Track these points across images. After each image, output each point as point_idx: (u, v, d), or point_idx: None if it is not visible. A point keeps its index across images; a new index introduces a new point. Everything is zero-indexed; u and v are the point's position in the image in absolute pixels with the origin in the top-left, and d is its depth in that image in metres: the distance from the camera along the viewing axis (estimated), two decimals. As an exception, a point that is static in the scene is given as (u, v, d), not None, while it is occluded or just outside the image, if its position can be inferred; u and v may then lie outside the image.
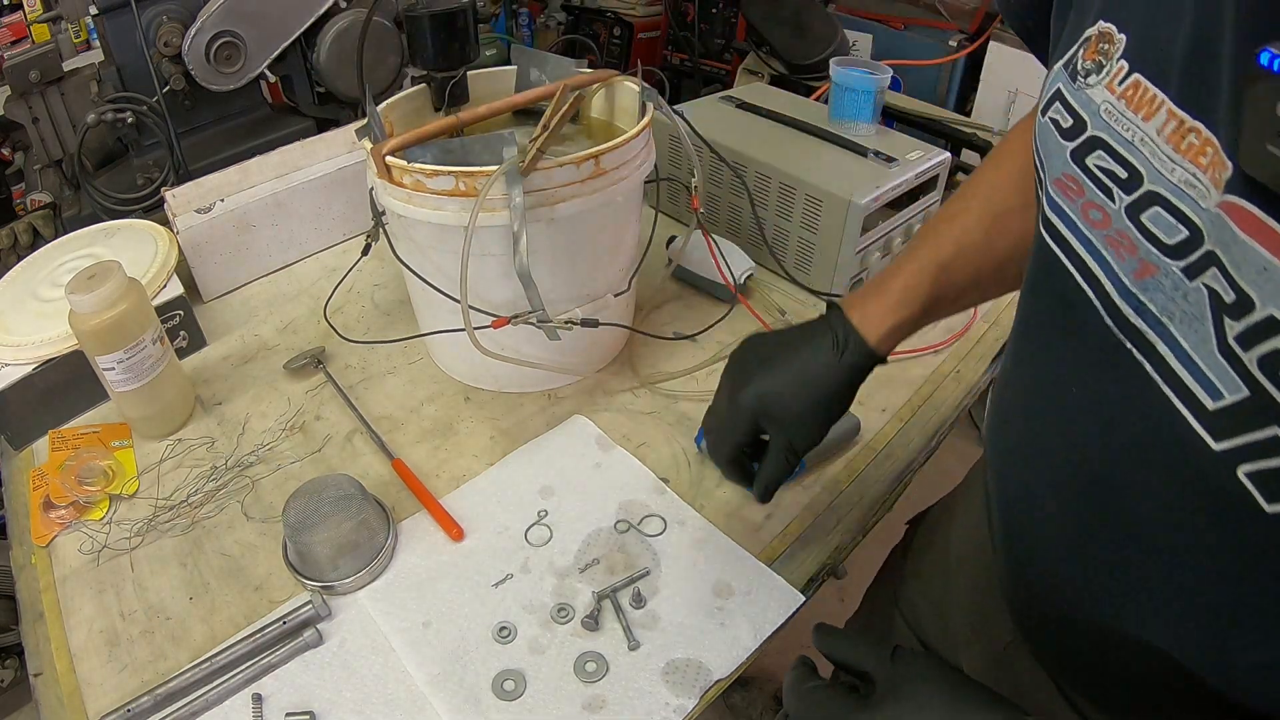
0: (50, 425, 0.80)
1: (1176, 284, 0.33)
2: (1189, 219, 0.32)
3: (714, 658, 0.59)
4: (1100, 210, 0.37)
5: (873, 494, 0.73)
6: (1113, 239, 0.36)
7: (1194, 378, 0.33)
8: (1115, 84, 0.36)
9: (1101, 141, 0.36)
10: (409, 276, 0.78)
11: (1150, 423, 0.36)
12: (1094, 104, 0.37)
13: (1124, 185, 0.35)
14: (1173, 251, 0.33)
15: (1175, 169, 0.33)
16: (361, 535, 0.65)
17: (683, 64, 2.04)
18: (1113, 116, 0.36)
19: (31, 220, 1.10)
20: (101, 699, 0.58)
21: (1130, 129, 0.35)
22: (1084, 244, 0.38)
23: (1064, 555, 0.44)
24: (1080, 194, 0.38)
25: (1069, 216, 0.39)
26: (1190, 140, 0.32)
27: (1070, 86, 0.39)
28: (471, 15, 0.81)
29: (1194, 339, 0.33)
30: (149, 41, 1.03)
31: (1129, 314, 0.36)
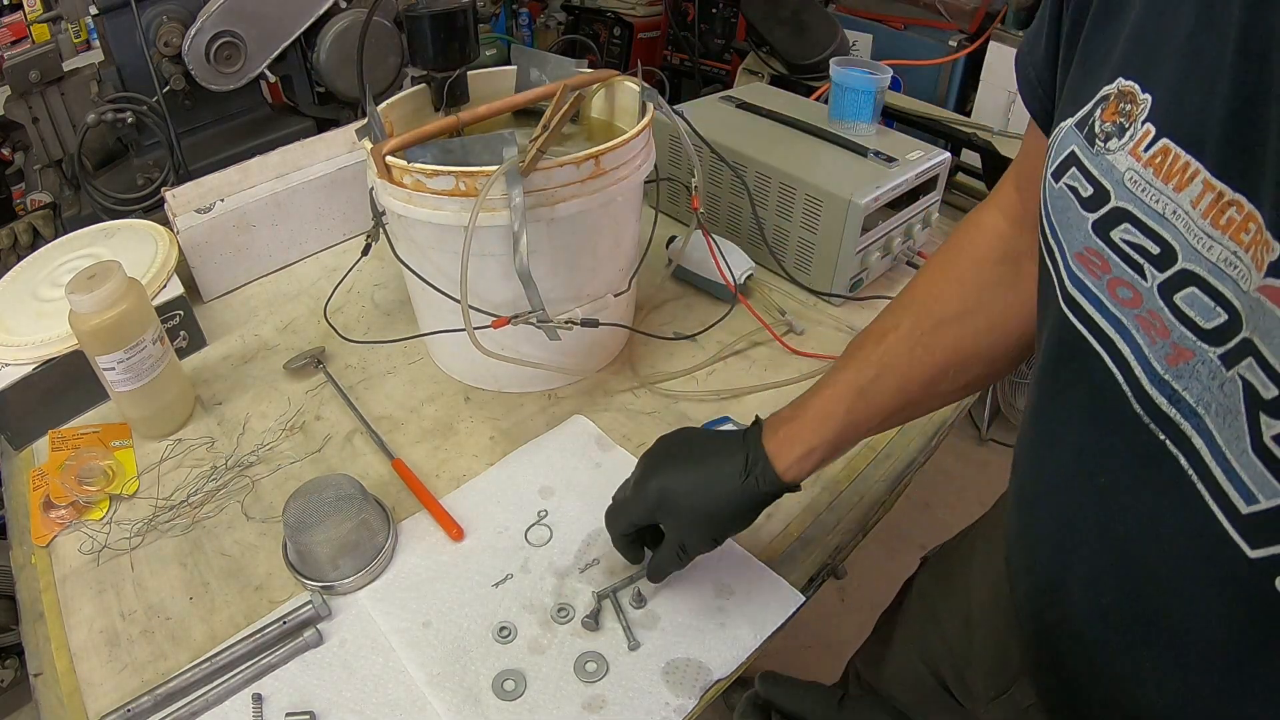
0: (50, 425, 0.80)
1: (1214, 372, 0.30)
2: (1229, 302, 0.29)
3: (714, 658, 0.59)
4: (1130, 288, 0.34)
5: (873, 494, 0.73)
6: (1144, 320, 0.33)
7: (1228, 478, 0.30)
8: (1140, 150, 0.33)
9: (1128, 214, 0.33)
10: (409, 276, 0.78)
11: (1186, 523, 0.33)
12: (1117, 171, 0.34)
13: (1156, 262, 0.32)
14: (1210, 337, 0.30)
15: (1214, 246, 0.30)
16: (361, 535, 0.65)
17: (683, 64, 2.04)
18: (1139, 186, 0.33)
19: (31, 220, 1.09)
20: (101, 699, 0.58)
21: (1161, 201, 0.32)
22: (1113, 324, 0.35)
23: (1092, 645, 0.42)
24: (1106, 270, 0.35)
25: (1094, 294, 0.36)
26: (1231, 215, 0.29)
27: (1088, 151, 0.35)
28: (471, 15, 0.81)
29: (1228, 434, 0.30)
30: (149, 41, 1.03)
31: (1161, 403, 0.33)
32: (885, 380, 0.55)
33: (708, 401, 0.82)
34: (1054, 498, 0.44)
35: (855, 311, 0.94)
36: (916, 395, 0.55)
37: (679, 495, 0.56)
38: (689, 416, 0.80)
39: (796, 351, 0.87)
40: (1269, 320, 0.27)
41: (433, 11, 0.78)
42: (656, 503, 0.57)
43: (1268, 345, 0.28)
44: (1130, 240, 0.33)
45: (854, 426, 0.55)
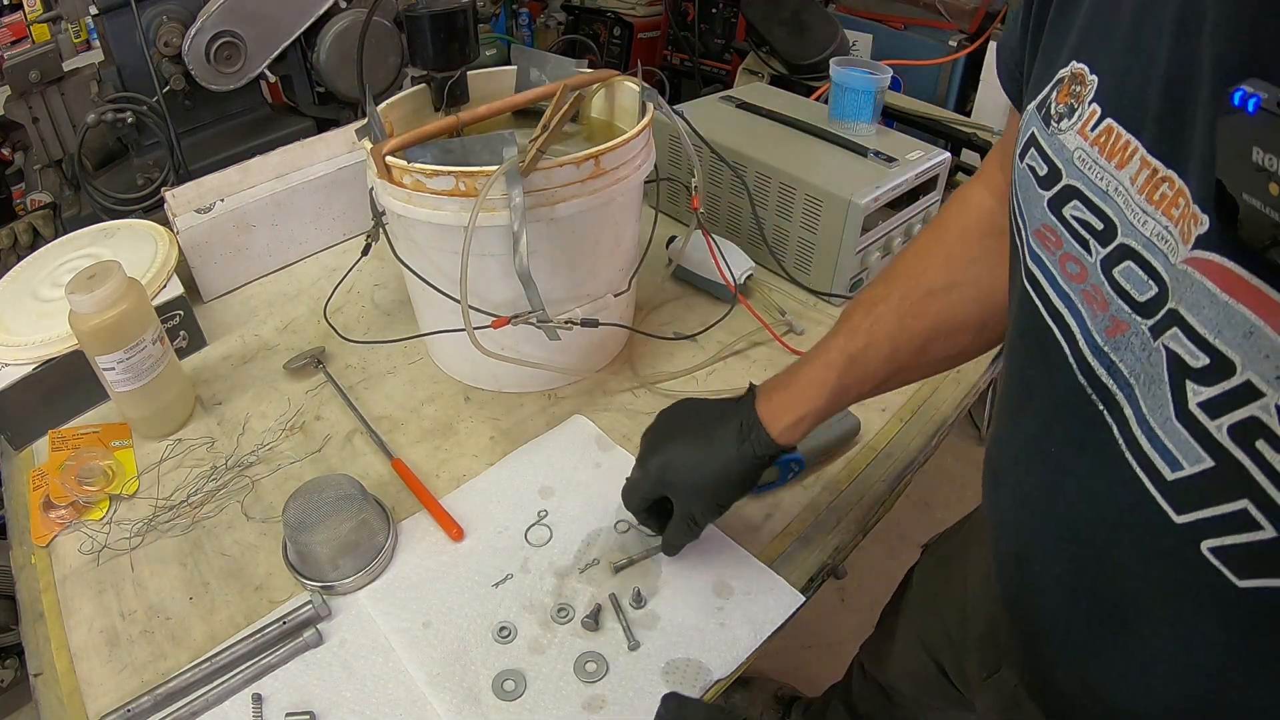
0: (50, 425, 0.80)
1: (1144, 343, 0.31)
2: (1159, 275, 0.30)
3: (714, 658, 0.59)
4: (1078, 263, 0.35)
5: (873, 494, 0.73)
6: (1088, 293, 0.35)
7: (1153, 445, 0.31)
8: (1088, 129, 0.34)
9: (1077, 191, 0.34)
10: (409, 276, 0.78)
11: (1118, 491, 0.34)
12: (1067, 150, 0.35)
13: (1099, 237, 0.33)
14: (1142, 309, 0.32)
15: (1148, 221, 0.31)
16: (361, 535, 0.65)
17: (683, 64, 2.04)
18: (1086, 164, 0.34)
19: (31, 220, 1.09)
20: (101, 699, 0.58)
21: (1104, 178, 0.33)
22: (1061, 298, 0.37)
23: (1057, 615, 0.43)
24: (1059, 245, 0.36)
25: (1048, 269, 0.38)
26: (1164, 190, 0.30)
27: (1044, 132, 0.37)
28: (471, 15, 0.81)
29: (1151, 403, 0.31)
30: (149, 41, 1.03)
31: (1100, 372, 0.35)
32: (876, 348, 0.56)
33: (708, 401, 0.82)
34: (1014, 471, 0.45)
35: (855, 311, 0.94)
36: (907, 362, 0.57)
37: (681, 469, 0.59)
38: (689, 416, 0.80)
39: (796, 351, 0.87)
40: (1196, 292, 0.28)
41: (433, 11, 0.78)
42: (660, 478, 0.60)
43: (1196, 316, 0.28)
44: (1078, 216, 0.35)
45: (845, 391, 0.57)
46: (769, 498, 0.72)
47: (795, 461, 0.72)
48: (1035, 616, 0.46)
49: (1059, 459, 0.39)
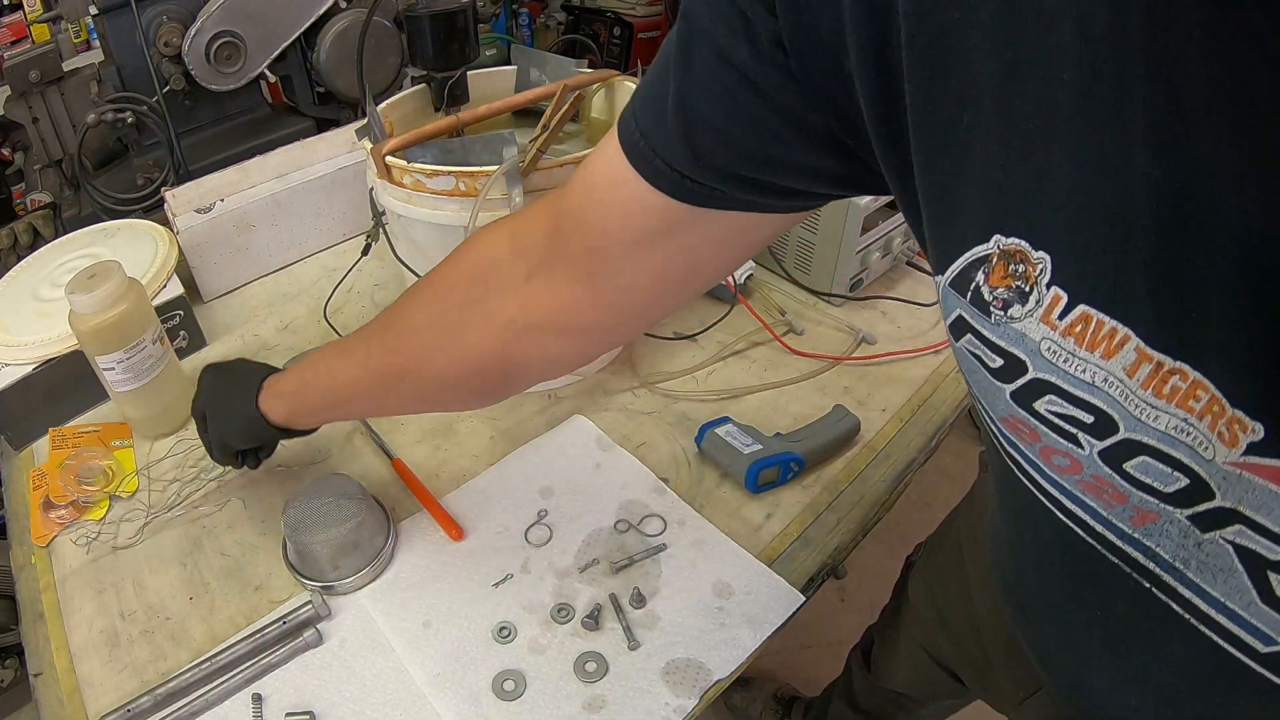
0: (50, 425, 0.80)
1: (1184, 532, 0.29)
2: (1187, 467, 0.27)
3: (714, 658, 0.59)
4: (1066, 457, 0.31)
5: (873, 494, 0.73)
6: (1090, 485, 0.31)
7: (1235, 624, 0.29)
8: (1054, 318, 0.27)
9: (1051, 385, 0.29)
10: (409, 276, 0.78)
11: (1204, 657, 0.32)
12: (1030, 340, 0.29)
13: (1092, 431, 0.29)
14: (1173, 500, 0.28)
15: (1159, 416, 0.27)
16: (361, 535, 0.65)
17: (683, 64, 2.04)
18: (1060, 357, 0.28)
19: (31, 220, 1.09)
20: (101, 699, 0.58)
21: (1088, 370, 0.27)
22: (1055, 486, 0.33)
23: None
24: (1035, 439, 0.31)
25: (1028, 457, 0.33)
26: (1174, 384, 0.26)
27: (983, 320, 0.30)
28: (471, 15, 0.81)
29: (1225, 589, 0.29)
30: (149, 41, 1.03)
31: (1137, 556, 0.31)
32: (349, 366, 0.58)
33: (708, 401, 0.82)
34: (1048, 609, 0.42)
35: (855, 311, 0.94)
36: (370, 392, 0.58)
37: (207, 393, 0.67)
38: (689, 416, 0.80)
39: (796, 351, 0.87)
40: (1261, 494, 0.26)
41: (433, 11, 0.78)
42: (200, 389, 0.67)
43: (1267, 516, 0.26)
44: (1058, 411, 0.29)
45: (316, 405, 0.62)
46: (769, 497, 0.72)
47: (795, 461, 0.72)
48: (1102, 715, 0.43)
49: (1110, 620, 0.36)
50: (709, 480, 0.74)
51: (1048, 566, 0.40)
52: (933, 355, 0.87)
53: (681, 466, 0.75)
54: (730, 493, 0.73)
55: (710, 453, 0.74)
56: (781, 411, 0.81)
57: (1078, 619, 0.39)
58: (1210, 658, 0.31)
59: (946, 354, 0.88)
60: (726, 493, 0.73)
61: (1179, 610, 0.31)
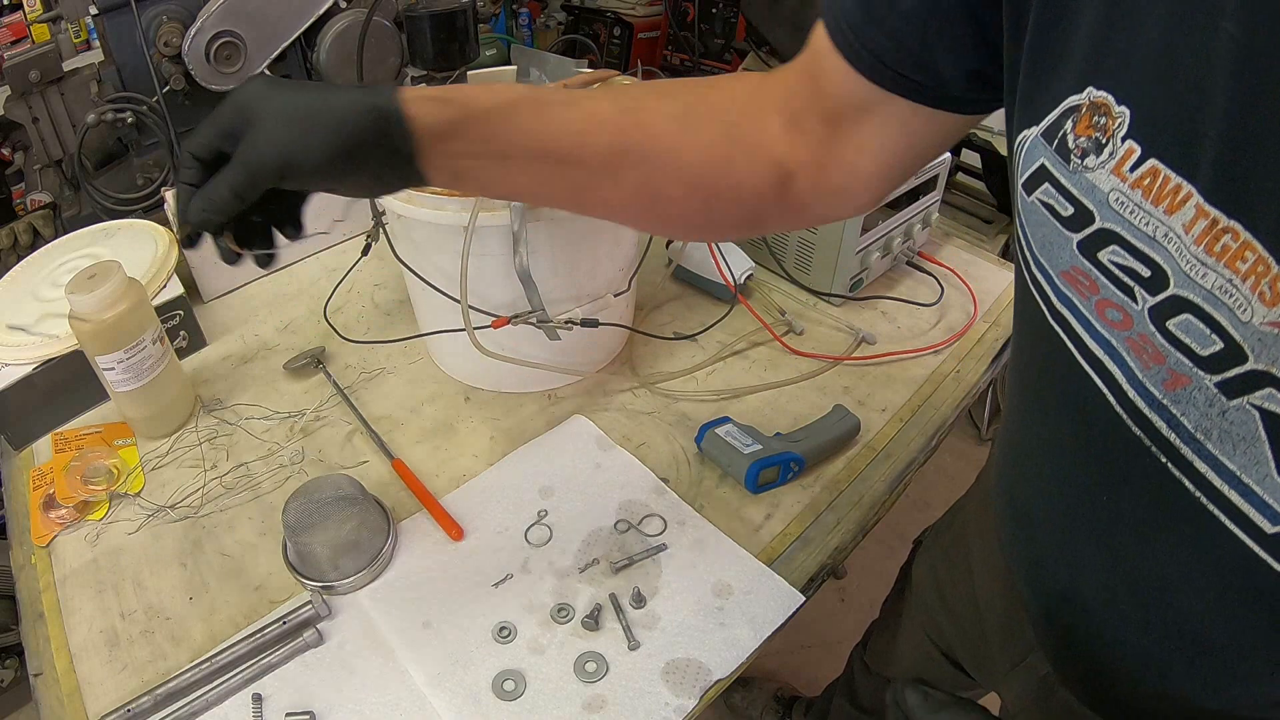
0: (50, 425, 0.80)
1: (1210, 400, 0.30)
2: (1225, 330, 0.28)
3: (714, 658, 0.59)
4: (1120, 310, 0.32)
5: (873, 494, 0.73)
6: (1134, 342, 0.32)
7: (1247, 501, 0.30)
8: (1125, 170, 0.30)
9: (1116, 236, 0.31)
10: (409, 276, 0.78)
11: (1201, 540, 0.33)
12: (1100, 191, 0.31)
13: (1147, 285, 0.31)
14: (1206, 364, 0.30)
15: (1208, 274, 0.28)
16: (361, 535, 0.65)
17: (683, 64, 2.04)
18: (1126, 208, 0.30)
19: (31, 220, 1.09)
20: (101, 699, 0.58)
21: (1151, 223, 0.30)
22: (1102, 345, 0.34)
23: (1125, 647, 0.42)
24: (1094, 291, 0.33)
25: (1081, 313, 0.35)
26: (1225, 242, 0.27)
27: (1063, 168, 0.33)
28: (471, 15, 0.81)
29: (1243, 460, 0.30)
30: (149, 41, 1.03)
31: (1160, 425, 0.32)
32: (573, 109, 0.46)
33: (708, 401, 0.82)
34: (1051, 512, 0.43)
35: (855, 311, 0.94)
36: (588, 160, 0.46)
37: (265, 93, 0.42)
38: (689, 416, 0.80)
39: (796, 351, 0.87)
40: None
41: (433, 11, 0.78)
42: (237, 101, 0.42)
43: None
44: (1119, 262, 0.31)
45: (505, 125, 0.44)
46: (769, 497, 0.72)
47: (795, 461, 0.72)
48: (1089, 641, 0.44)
49: (1113, 508, 0.37)
50: (709, 480, 0.74)
51: (1065, 458, 0.40)
52: (932, 355, 0.87)
53: (681, 466, 0.75)
54: (730, 493, 0.73)
55: (710, 453, 0.74)
56: (781, 411, 0.81)
57: (1080, 518, 0.40)
58: (1212, 543, 0.32)
59: (946, 354, 0.88)
60: (726, 493, 0.73)
61: (1190, 487, 0.32)
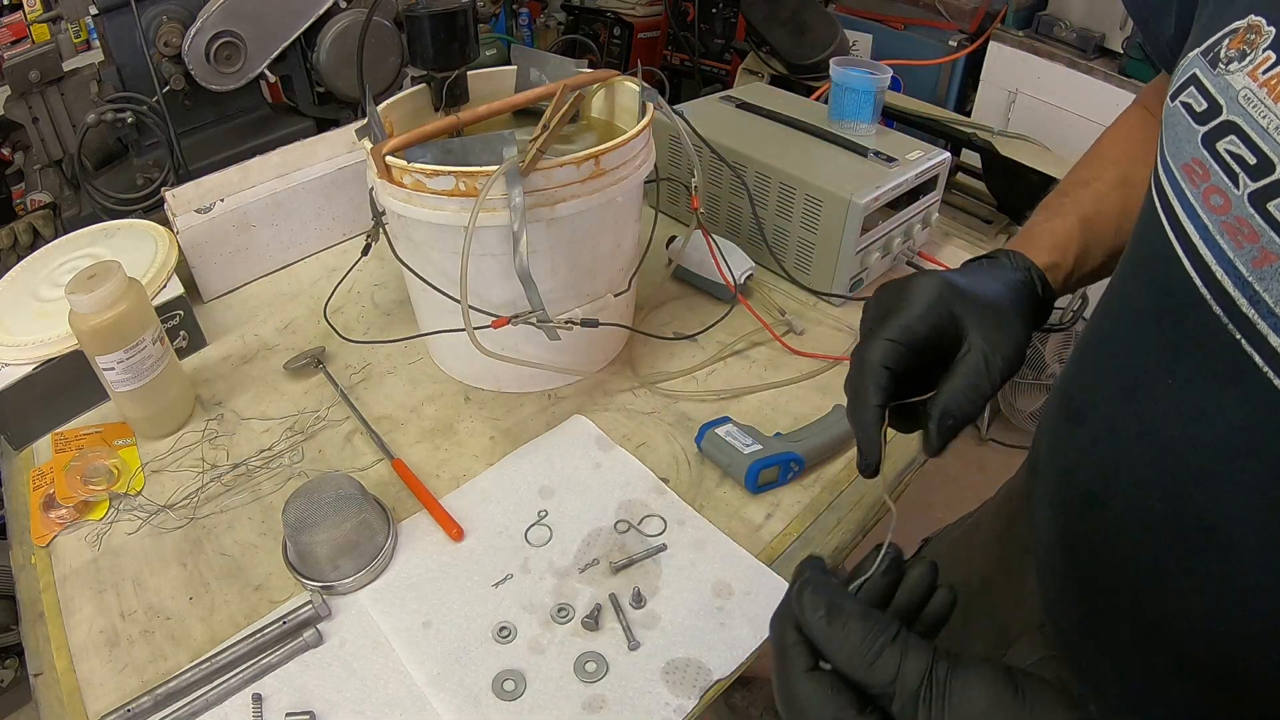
0: (50, 425, 0.80)
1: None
2: None
3: (714, 658, 0.59)
4: (1222, 195, 0.36)
5: (873, 494, 0.73)
6: (1230, 225, 0.36)
7: None
8: (1259, 72, 0.35)
9: (1235, 126, 0.36)
10: (409, 276, 0.78)
11: (1254, 414, 0.35)
12: (1233, 89, 0.36)
13: (1251, 171, 0.35)
14: None
15: None
16: (361, 535, 0.65)
17: (683, 64, 2.04)
18: (1251, 103, 0.35)
19: (31, 220, 1.10)
20: (101, 699, 0.58)
21: (1268, 118, 0.34)
22: (1199, 230, 0.38)
23: (1130, 558, 0.42)
24: (1205, 178, 0.37)
25: (1189, 202, 0.38)
26: None
27: (1209, 72, 0.38)
28: (471, 15, 0.81)
29: None
30: (149, 41, 1.03)
31: (1241, 303, 0.35)
32: (1103, 219, 0.54)
33: (708, 401, 0.82)
34: (1105, 403, 0.44)
35: (855, 311, 0.94)
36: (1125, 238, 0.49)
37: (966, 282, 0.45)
38: (689, 416, 0.80)
39: (796, 351, 0.88)
40: None
41: (433, 11, 0.78)
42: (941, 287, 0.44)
43: None
44: (1232, 151, 0.36)
45: (1087, 256, 0.53)
46: (769, 497, 0.72)
47: (795, 461, 0.72)
48: (1107, 556, 0.44)
49: (1169, 390, 0.39)
50: (709, 480, 0.74)
51: (1136, 340, 0.42)
52: (933, 355, 0.87)
53: (681, 466, 0.75)
54: (730, 493, 0.73)
55: (710, 453, 0.74)
56: (781, 411, 0.81)
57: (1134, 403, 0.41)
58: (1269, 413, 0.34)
59: (946, 354, 0.88)
60: (726, 493, 0.73)
61: (1258, 360, 0.35)
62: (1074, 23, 1.68)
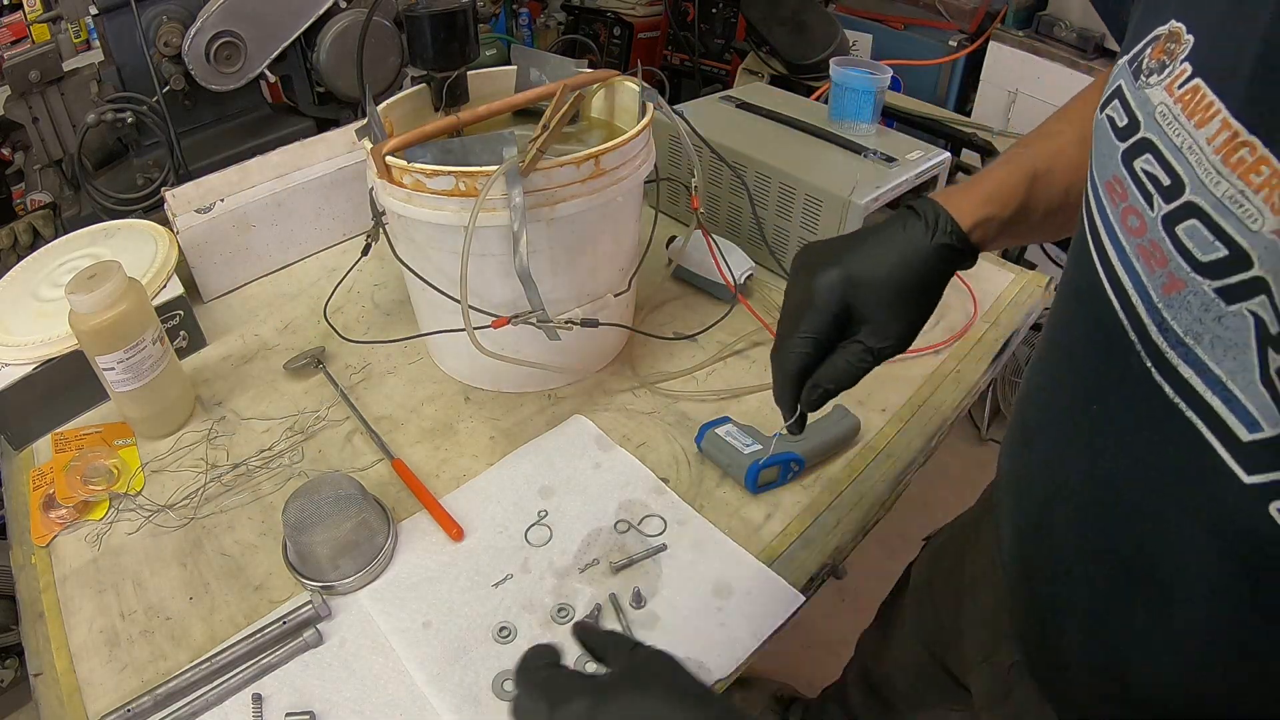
0: (50, 425, 0.80)
1: (1205, 305, 0.31)
2: (1231, 239, 0.30)
3: (714, 658, 0.59)
4: (1138, 217, 0.35)
5: (873, 494, 0.73)
6: (1145, 249, 0.35)
7: (1228, 406, 0.31)
8: (1175, 86, 0.34)
9: (1151, 144, 0.34)
10: (409, 276, 0.78)
11: (1173, 449, 0.34)
12: (1151, 104, 0.35)
13: (1165, 193, 0.33)
14: (1206, 270, 0.31)
15: (1221, 182, 0.31)
16: (361, 535, 0.65)
17: (683, 64, 2.04)
18: (1166, 120, 0.34)
19: (31, 220, 1.10)
20: (101, 699, 0.58)
21: (1181, 135, 0.33)
22: (1118, 251, 0.37)
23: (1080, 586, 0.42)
24: (1124, 198, 0.36)
25: (1110, 222, 0.37)
26: (1242, 155, 0.30)
27: (1132, 84, 0.37)
28: (471, 15, 0.81)
29: (1230, 366, 0.31)
30: (149, 41, 1.03)
31: (1153, 331, 0.34)
32: (1056, 174, 0.52)
33: (708, 401, 0.82)
34: (1050, 431, 0.44)
35: (855, 311, 0.94)
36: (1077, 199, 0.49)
37: (868, 273, 0.49)
38: (689, 416, 0.80)
39: (796, 351, 0.87)
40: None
41: (433, 11, 0.78)
42: (847, 291, 0.50)
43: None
44: (1147, 170, 0.35)
45: (1027, 209, 0.52)
46: (769, 497, 0.72)
47: (795, 461, 0.72)
48: (1054, 588, 0.44)
49: (1100, 417, 0.39)
50: (709, 480, 0.74)
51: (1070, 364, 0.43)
52: (932, 355, 0.88)
53: (681, 466, 0.75)
54: (730, 493, 0.73)
55: (710, 453, 0.74)
56: (781, 411, 0.81)
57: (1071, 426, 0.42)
58: (1187, 452, 0.33)
59: (946, 354, 0.88)
60: (726, 493, 0.73)
61: (1171, 394, 0.34)
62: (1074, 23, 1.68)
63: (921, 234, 0.50)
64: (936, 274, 0.51)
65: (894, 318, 0.50)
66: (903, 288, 0.50)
